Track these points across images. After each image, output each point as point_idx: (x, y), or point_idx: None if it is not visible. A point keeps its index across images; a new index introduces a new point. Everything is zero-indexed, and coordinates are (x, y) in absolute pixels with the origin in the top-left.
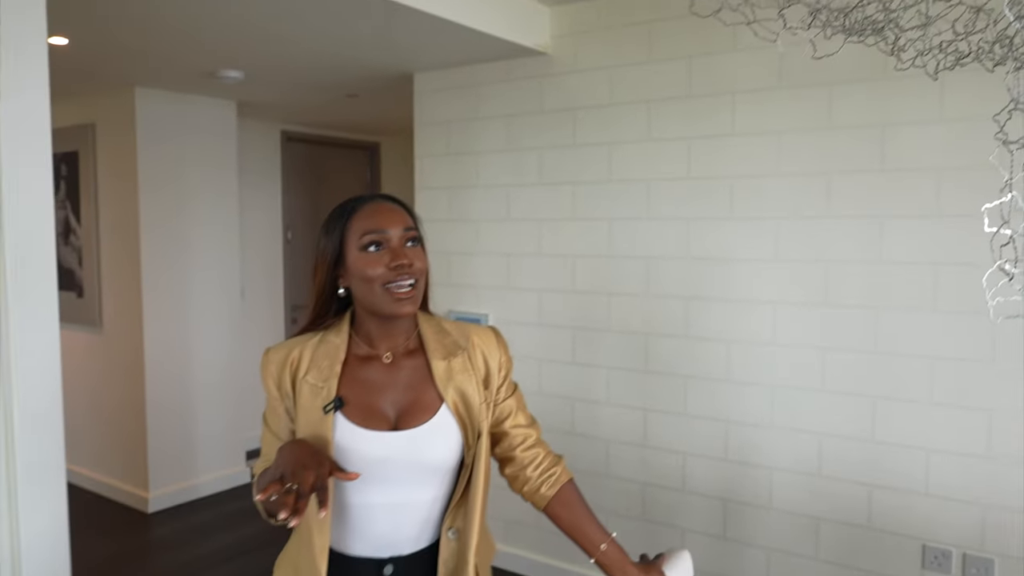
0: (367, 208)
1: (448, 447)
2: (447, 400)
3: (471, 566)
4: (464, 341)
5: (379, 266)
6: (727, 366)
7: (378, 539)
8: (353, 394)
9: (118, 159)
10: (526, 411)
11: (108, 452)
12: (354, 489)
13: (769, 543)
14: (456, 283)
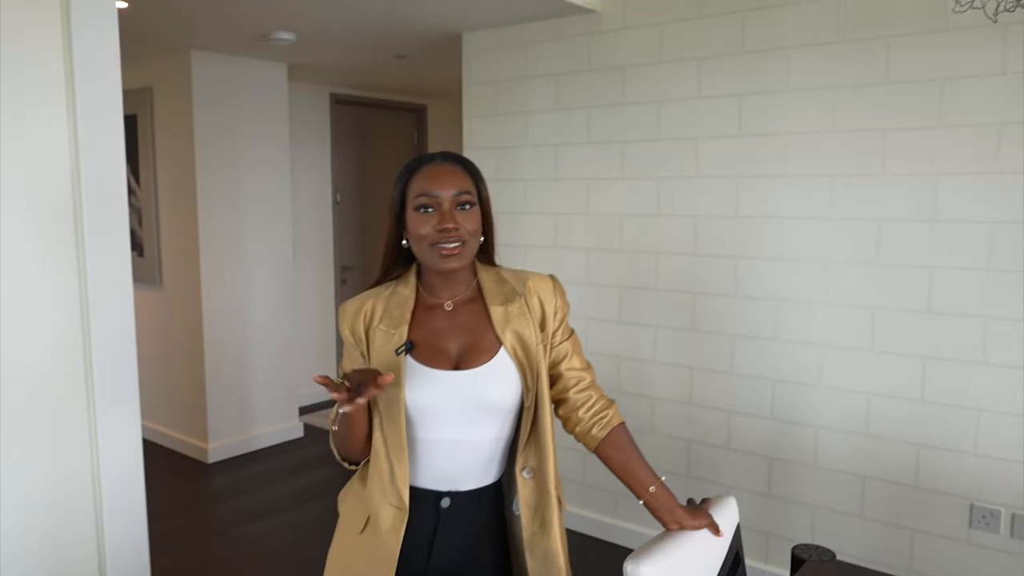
0: (426, 170)
1: (507, 387)
2: (505, 343)
3: (553, 499)
4: (521, 287)
5: (427, 227)
6: (775, 325)
7: (439, 473)
8: (420, 338)
9: (175, 122)
10: (581, 355)
11: (171, 406)
12: (420, 425)
13: (814, 501)
14: (504, 243)
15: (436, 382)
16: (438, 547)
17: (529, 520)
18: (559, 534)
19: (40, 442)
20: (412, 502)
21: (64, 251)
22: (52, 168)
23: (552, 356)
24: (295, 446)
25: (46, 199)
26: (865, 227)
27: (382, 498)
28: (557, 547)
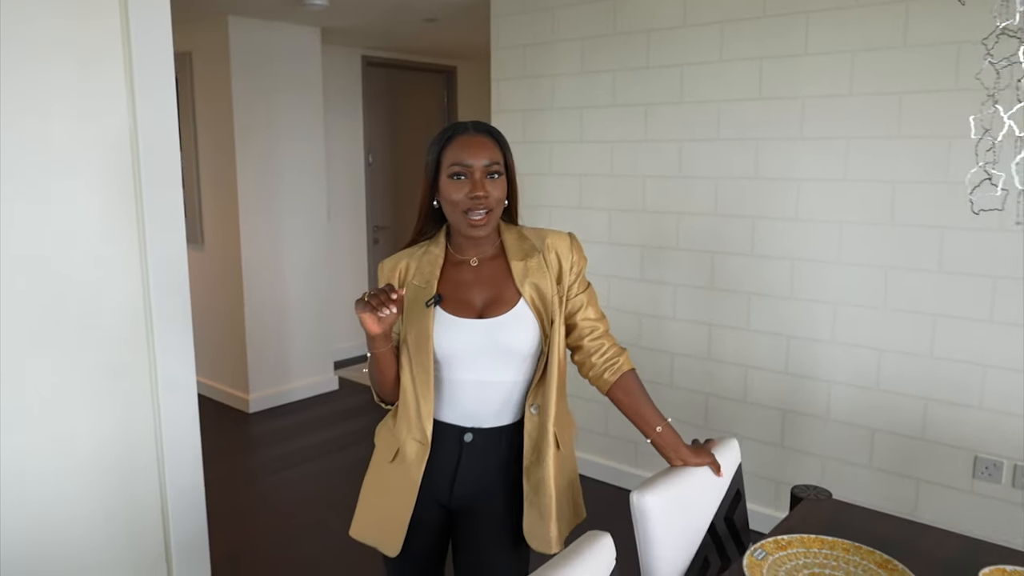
0: (460, 139)
1: (526, 335)
2: (524, 295)
3: (551, 435)
4: (540, 244)
5: (460, 194)
6: (791, 284)
7: (463, 410)
8: (447, 291)
9: (213, 86)
10: (596, 307)
11: (214, 359)
12: (447, 367)
13: (825, 452)
14: (530, 204)
15: (462, 329)
16: (460, 478)
17: (529, 451)
18: (552, 467)
19: (109, 394)
20: (438, 436)
21: (125, 219)
22: (113, 142)
23: (568, 307)
24: (330, 398)
25: (108, 171)
26: (880, 188)
27: (408, 433)
28: (549, 478)
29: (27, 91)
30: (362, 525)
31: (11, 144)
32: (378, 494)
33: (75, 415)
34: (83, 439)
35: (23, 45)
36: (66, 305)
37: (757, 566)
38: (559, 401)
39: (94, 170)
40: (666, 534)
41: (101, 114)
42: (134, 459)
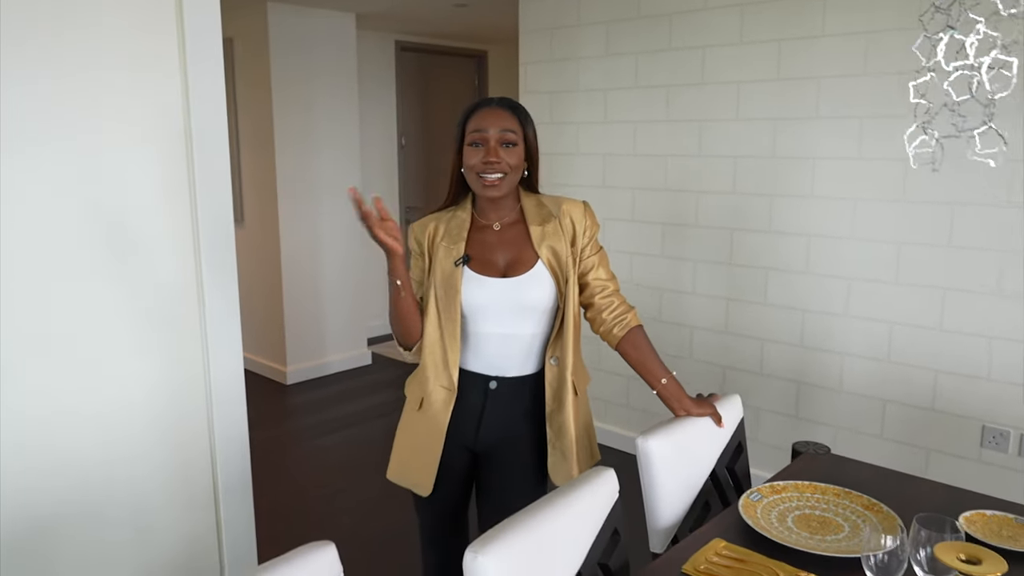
0: (480, 112)
1: (543, 292)
2: (541, 256)
3: (569, 383)
4: (556, 210)
5: (475, 158)
6: (806, 259)
7: (488, 361)
8: (474, 253)
9: (253, 70)
10: (607, 268)
11: (254, 333)
12: (473, 321)
13: (837, 422)
14: (557, 183)
15: (487, 287)
16: (485, 422)
17: (551, 399)
18: (572, 412)
19: (166, 349)
20: (466, 383)
21: (179, 192)
22: (168, 122)
23: (581, 267)
24: (363, 372)
25: (163, 149)
26: (893, 166)
27: (435, 381)
28: (569, 422)
29: (92, 74)
30: (397, 469)
31: (81, 122)
32: (410, 440)
33: (134, 362)
34: (139, 383)
35: (88, 30)
36: (127, 263)
37: (752, 506)
38: (575, 353)
39: (151, 150)
40: (668, 477)
41: (159, 101)
42: (185, 405)
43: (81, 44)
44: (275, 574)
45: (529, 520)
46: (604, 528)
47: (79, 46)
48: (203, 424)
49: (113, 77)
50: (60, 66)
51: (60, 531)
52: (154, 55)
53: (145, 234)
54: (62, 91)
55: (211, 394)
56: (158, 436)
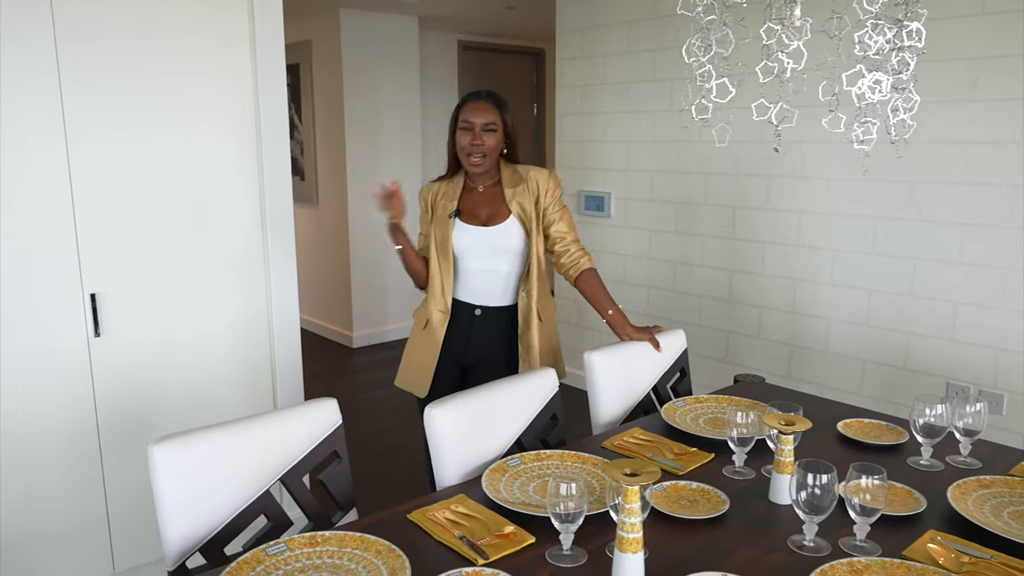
0: (468, 105)
1: (514, 238)
2: (512, 211)
3: (535, 312)
4: (526, 176)
5: (465, 141)
6: (797, 233)
7: (475, 292)
8: (464, 208)
9: (328, 69)
10: (569, 223)
11: (325, 302)
12: (462, 258)
13: (823, 381)
14: (587, 167)
15: (471, 233)
16: (472, 340)
17: (522, 323)
18: (536, 333)
19: (236, 285)
20: (456, 310)
21: (250, 161)
22: (242, 107)
23: (546, 221)
24: None
25: (236, 129)
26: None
27: (434, 306)
28: (535, 341)
29: (185, 66)
30: (402, 376)
31: (174, 104)
32: (413, 353)
33: (216, 303)
34: (216, 315)
35: (182, 31)
36: (212, 227)
37: (674, 409)
38: (540, 288)
39: (229, 129)
40: (607, 383)
41: (235, 89)
42: (253, 331)
43: (180, 53)
44: (284, 417)
45: (479, 392)
46: (544, 411)
47: (181, 55)
48: (265, 346)
49: (202, 81)
50: (160, 67)
51: (159, 420)
52: (234, 66)
53: (225, 204)
54: (161, 87)
55: (272, 329)
56: (229, 351)
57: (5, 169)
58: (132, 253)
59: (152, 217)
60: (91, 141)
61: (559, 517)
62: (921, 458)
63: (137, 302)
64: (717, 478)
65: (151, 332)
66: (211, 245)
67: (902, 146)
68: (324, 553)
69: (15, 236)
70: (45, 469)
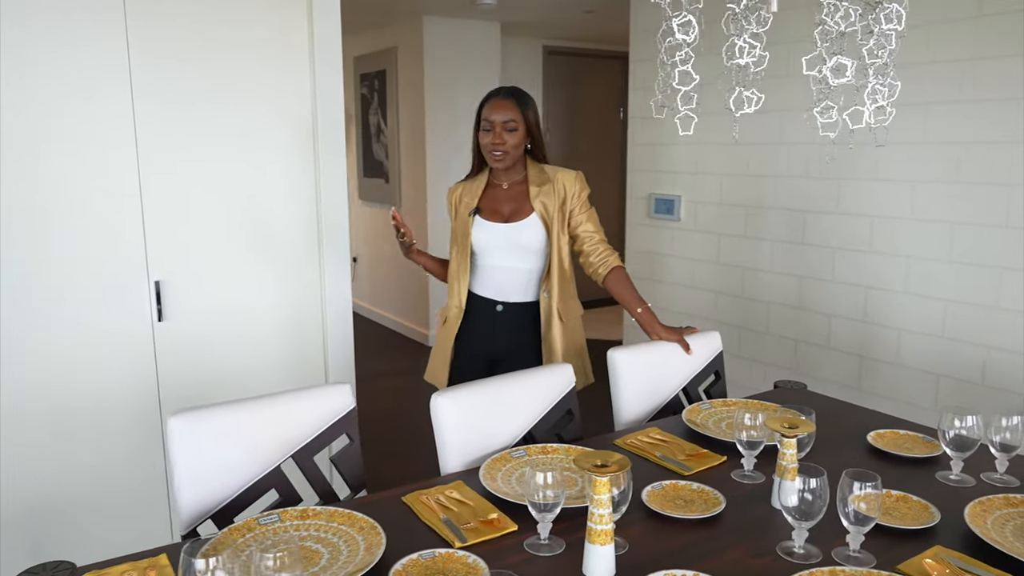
0: (490, 102)
1: (535, 235)
2: (535, 209)
3: (555, 312)
4: (552, 176)
5: (487, 139)
6: (870, 239)
7: (496, 288)
8: (486, 204)
9: (411, 75)
10: (595, 223)
11: (401, 299)
12: (482, 255)
13: (895, 395)
14: (658, 169)
15: (491, 230)
16: (496, 335)
17: (544, 322)
18: (558, 334)
19: (291, 276)
20: (479, 306)
21: (306, 160)
22: (301, 109)
23: (573, 222)
24: None
25: (294, 130)
26: (950, 149)
27: (451, 302)
28: (557, 342)
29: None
30: (429, 372)
31: (238, 121)
32: (437, 349)
33: (269, 288)
34: (273, 305)
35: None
36: (263, 213)
37: (696, 411)
38: (562, 288)
39: (288, 131)
40: (629, 380)
41: (293, 92)
42: (306, 322)
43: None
44: (298, 398)
45: (488, 383)
46: (558, 406)
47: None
48: (319, 341)
49: (263, 77)
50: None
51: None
52: (292, 80)
53: (281, 198)
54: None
55: (325, 320)
56: (288, 347)
57: (84, 166)
58: (194, 244)
59: (212, 209)
60: (157, 137)
61: (536, 506)
62: (951, 473)
63: (198, 291)
64: (723, 481)
65: (210, 319)
66: (267, 238)
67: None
68: (312, 526)
69: (91, 225)
70: (114, 442)
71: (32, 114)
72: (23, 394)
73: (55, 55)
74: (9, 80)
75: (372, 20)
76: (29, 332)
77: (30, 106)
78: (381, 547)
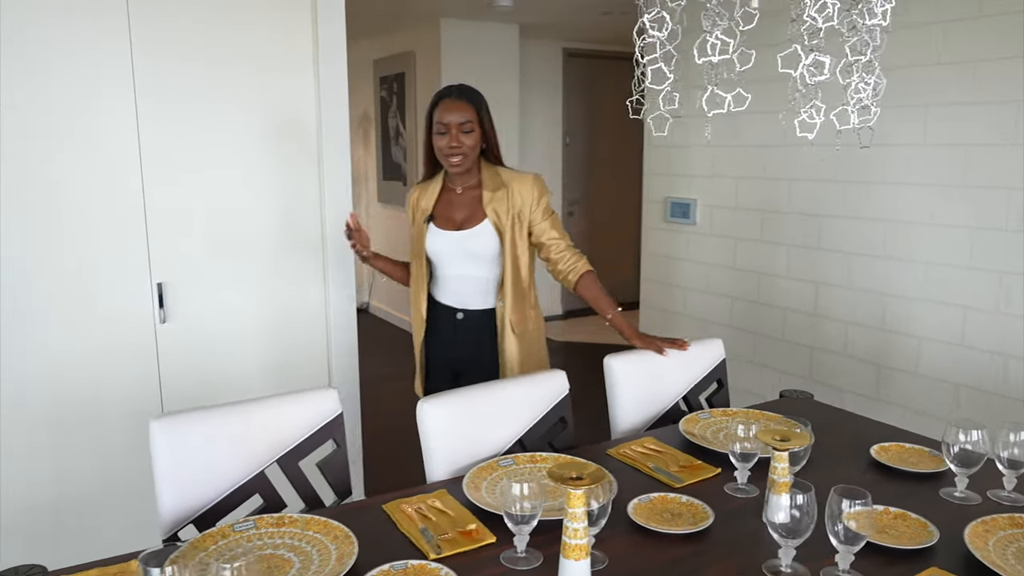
0: (443, 104)
1: (487, 243)
2: (488, 215)
3: (508, 323)
4: (507, 181)
5: (442, 143)
6: (886, 244)
7: (455, 296)
8: (440, 211)
9: (429, 78)
10: (559, 229)
11: None
12: (438, 264)
13: (913, 405)
14: (674, 172)
15: (443, 237)
16: (458, 343)
17: (499, 333)
18: (512, 345)
19: (294, 279)
20: (441, 314)
21: (310, 163)
22: (305, 112)
23: (536, 231)
24: None
25: (298, 133)
26: (969, 152)
27: (414, 309)
28: (509, 353)
29: (249, 86)
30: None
31: (241, 123)
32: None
33: (271, 290)
34: (275, 306)
35: (245, 51)
36: (268, 226)
37: (695, 420)
38: (516, 298)
39: (288, 134)
40: (626, 388)
41: (294, 96)
42: (310, 324)
43: (244, 48)
44: (283, 402)
45: (477, 390)
46: (550, 414)
47: (244, 49)
48: (323, 344)
49: (264, 79)
50: (224, 60)
51: None
52: (295, 83)
53: (282, 200)
54: (225, 84)
55: (329, 323)
56: (290, 350)
57: (86, 167)
58: (196, 246)
59: (215, 210)
60: (160, 138)
61: (512, 518)
62: (956, 489)
63: (200, 293)
64: (715, 494)
65: (213, 321)
66: (269, 240)
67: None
68: (287, 534)
69: (94, 226)
70: (113, 443)
71: (35, 114)
72: (23, 393)
73: (58, 56)
74: (11, 80)
75: (391, 23)
76: (31, 331)
77: (32, 106)
78: (352, 557)
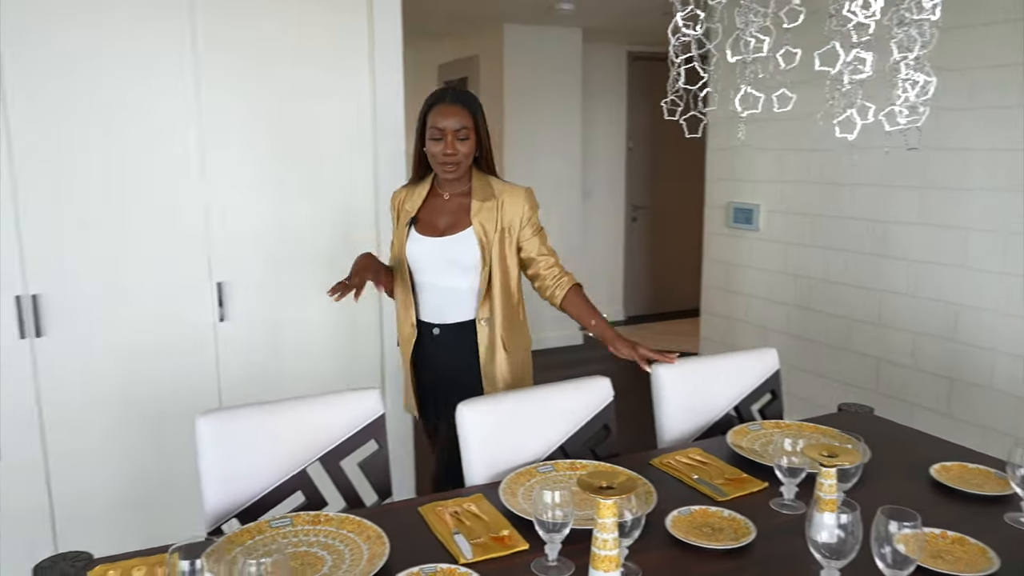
0: (437, 108)
1: (468, 251)
2: (473, 225)
3: (499, 342)
4: (498, 193)
5: (436, 148)
6: (962, 253)
7: (432, 309)
8: (424, 216)
9: (492, 82)
10: (546, 244)
11: None
12: (416, 271)
13: (988, 422)
14: (737, 177)
15: (423, 243)
16: (437, 363)
17: (484, 353)
18: (504, 365)
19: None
20: (421, 331)
21: (366, 151)
22: (361, 106)
23: (526, 247)
24: (575, 350)
25: (354, 124)
26: None
27: (403, 321)
28: (498, 372)
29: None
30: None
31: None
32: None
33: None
34: (330, 310)
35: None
36: (325, 231)
37: (743, 432)
38: (506, 315)
39: (347, 124)
40: (672, 397)
41: (354, 91)
42: (364, 326)
43: (301, 48)
44: (327, 402)
45: (518, 395)
46: (593, 421)
47: (301, 50)
48: (376, 344)
49: (321, 79)
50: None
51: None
52: (351, 85)
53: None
54: (283, 83)
55: (383, 324)
56: (345, 352)
57: (151, 163)
58: (256, 248)
59: (275, 212)
60: (220, 145)
61: (544, 525)
62: (1021, 515)
63: (258, 294)
64: (760, 509)
65: (270, 323)
66: (326, 246)
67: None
68: (322, 532)
69: (158, 224)
70: (173, 435)
71: (106, 117)
72: (89, 390)
73: (125, 52)
74: (76, 80)
75: (456, 27)
76: (101, 330)
77: (104, 111)
78: (383, 558)
